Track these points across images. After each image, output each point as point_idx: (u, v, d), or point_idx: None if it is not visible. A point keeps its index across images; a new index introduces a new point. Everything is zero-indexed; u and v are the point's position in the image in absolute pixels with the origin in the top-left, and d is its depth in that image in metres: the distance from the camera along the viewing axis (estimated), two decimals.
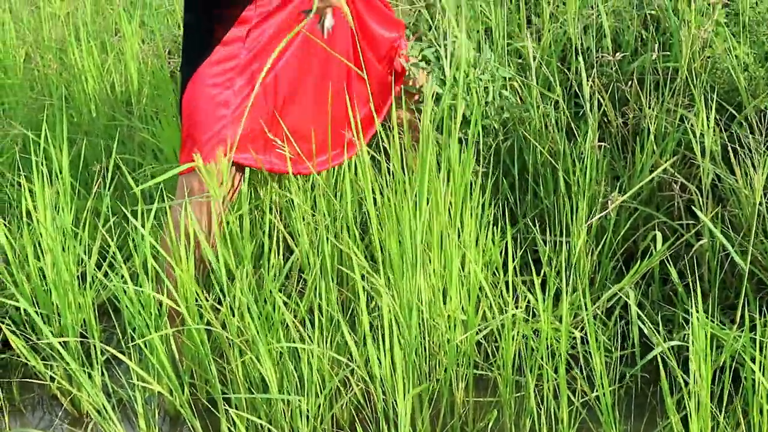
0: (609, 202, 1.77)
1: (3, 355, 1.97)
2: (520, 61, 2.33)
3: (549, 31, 2.28)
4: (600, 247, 1.84)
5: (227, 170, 1.74)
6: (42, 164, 1.88)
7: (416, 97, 2.04)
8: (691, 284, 1.68)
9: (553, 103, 2.04)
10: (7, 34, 3.25)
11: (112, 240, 1.77)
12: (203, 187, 1.71)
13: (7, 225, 2.03)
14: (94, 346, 1.71)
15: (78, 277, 1.82)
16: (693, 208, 1.76)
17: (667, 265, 1.73)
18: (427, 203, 1.65)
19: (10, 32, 3.29)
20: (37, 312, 1.76)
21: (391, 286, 1.62)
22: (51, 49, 3.23)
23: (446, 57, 1.94)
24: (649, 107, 1.94)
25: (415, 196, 1.63)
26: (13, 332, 1.77)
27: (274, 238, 1.84)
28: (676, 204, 1.86)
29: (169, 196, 1.88)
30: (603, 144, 1.92)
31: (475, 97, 1.99)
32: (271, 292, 1.62)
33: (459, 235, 1.73)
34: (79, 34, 3.15)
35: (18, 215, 2.12)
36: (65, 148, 1.97)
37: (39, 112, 2.83)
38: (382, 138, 1.90)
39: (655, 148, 1.90)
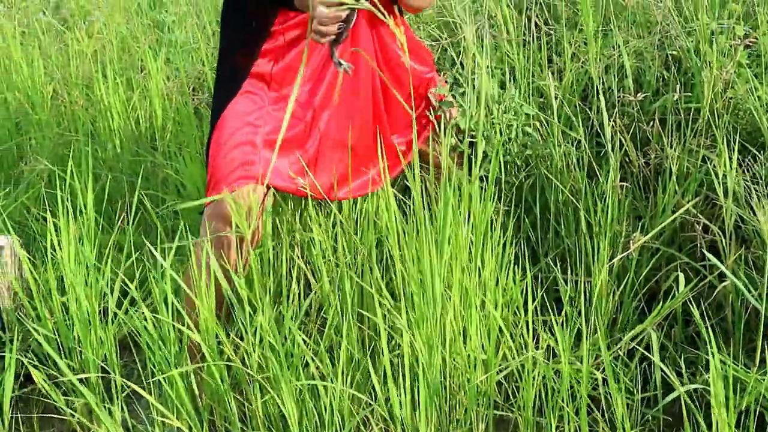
0: (631, 242, 1.76)
1: (24, 389, 1.98)
2: (541, 100, 2.34)
3: (570, 70, 2.29)
4: (622, 287, 1.83)
5: (256, 205, 1.75)
6: (67, 199, 1.91)
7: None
8: (713, 326, 1.66)
9: (574, 142, 2.05)
10: (35, 71, 3.31)
11: (135, 275, 1.78)
12: (226, 227, 1.72)
13: (32, 259, 2.05)
14: (115, 381, 1.72)
15: (100, 311, 1.83)
16: (715, 248, 1.75)
17: (690, 306, 1.71)
18: (448, 242, 1.65)
19: (39, 69, 3.35)
20: (58, 346, 1.77)
21: (411, 325, 1.62)
22: (78, 85, 3.29)
23: (470, 93, 1.96)
24: (671, 147, 1.94)
25: (437, 234, 1.63)
26: (35, 366, 1.78)
27: (295, 275, 1.85)
28: (698, 245, 1.85)
29: (192, 237, 1.89)
30: (624, 184, 1.92)
31: (498, 133, 2.00)
32: (290, 329, 1.62)
33: (479, 274, 1.73)
34: (105, 71, 3.20)
35: (42, 249, 2.15)
36: (90, 184, 2.00)
37: (65, 147, 2.88)
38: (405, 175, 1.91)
39: (677, 188, 1.89)
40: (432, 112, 2.02)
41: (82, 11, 4.18)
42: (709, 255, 1.60)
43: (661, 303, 1.76)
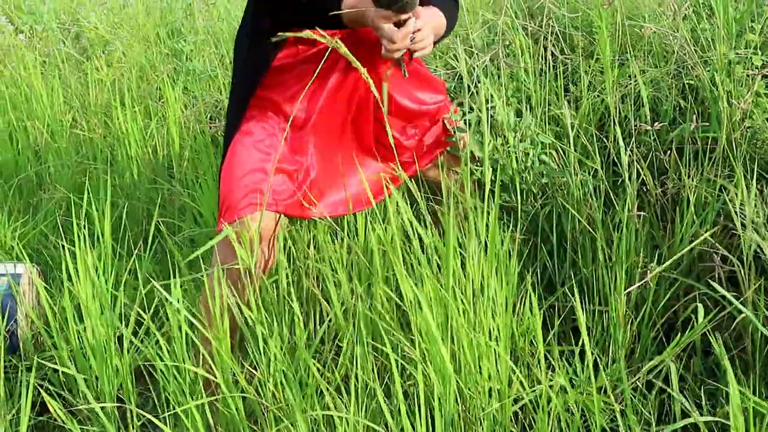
0: (648, 272, 1.74)
1: (40, 418, 1.98)
2: (558, 128, 2.34)
3: (587, 99, 2.29)
4: (639, 317, 1.81)
5: (266, 232, 1.76)
6: (84, 227, 1.92)
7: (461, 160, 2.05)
8: (733, 357, 1.64)
9: (591, 171, 2.04)
10: (55, 99, 3.35)
11: (149, 304, 1.78)
12: (236, 256, 1.72)
13: (49, 288, 2.06)
14: (131, 410, 1.72)
15: (116, 340, 1.83)
16: (734, 279, 1.73)
17: (709, 336, 1.69)
18: (463, 270, 1.65)
19: (59, 98, 3.39)
20: (75, 375, 1.77)
21: (425, 355, 1.61)
22: (96, 113, 3.32)
23: (486, 121, 1.96)
24: (689, 177, 1.93)
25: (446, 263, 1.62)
26: (51, 395, 1.78)
27: (309, 303, 1.84)
28: (717, 275, 1.83)
29: (206, 267, 1.89)
30: (642, 213, 1.90)
31: (514, 161, 2.00)
32: (304, 358, 1.61)
33: (494, 303, 1.72)
34: (124, 99, 3.24)
35: (59, 277, 2.16)
36: (108, 212, 2.01)
37: (83, 175, 2.90)
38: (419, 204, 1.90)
39: (695, 218, 1.88)
40: (446, 138, 2.02)
41: (102, 41, 4.23)
42: (723, 290, 1.59)
43: (679, 334, 1.74)
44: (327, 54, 1.81)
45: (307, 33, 1.65)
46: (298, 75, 1.86)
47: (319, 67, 1.81)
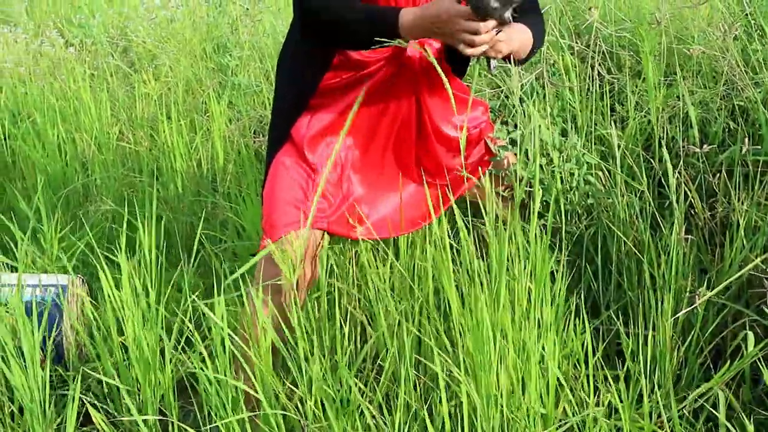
0: (696, 297, 1.71)
1: (84, 429, 2.00)
2: (603, 148, 2.32)
3: (634, 119, 2.26)
4: (687, 343, 1.78)
5: (310, 250, 1.76)
6: (128, 239, 1.93)
7: (504, 183, 2.04)
8: None
9: (637, 193, 2.01)
10: (103, 112, 3.40)
11: (192, 318, 1.79)
12: (279, 273, 1.72)
13: (93, 302, 2.08)
14: (172, 423, 1.72)
15: (159, 352, 1.84)
16: None
17: (759, 365, 1.66)
18: (507, 291, 1.63)
19: (106, 110, 3.44)
20: (117, 387, 1.78)
21: (469, 376, 1.60)
22: (143, 126, 3.37)
23: (530, 141, 1.94)
24: (739, 200, 1.90)
25: (494, 285, 1.61)
26: (94, 406, 1.79)
27: (351, 321, 1.84)
28: (767, 301, 1.79)
29: (248, 282, 1.90)
30: (690, 237, 1.87)
31: (559, 182, 1.98)
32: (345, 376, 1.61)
33: (539, 325, 1.70)
34: (170, 113, 3.28)
35: (104, 289, 2.18)
36: (153, 226, 2.03)
37: (129, 187, 2.94)
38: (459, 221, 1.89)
39: (744, 242, 1.84)
40: (490, 158, 2.01)
41: (149, 55, 4.30)
42: None
43: (728, 361, 1.71)
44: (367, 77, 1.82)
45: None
46: (341, 98, 1.86)
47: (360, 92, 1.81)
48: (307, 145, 1.83)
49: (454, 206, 1.80)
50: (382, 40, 1.63)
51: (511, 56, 1.75)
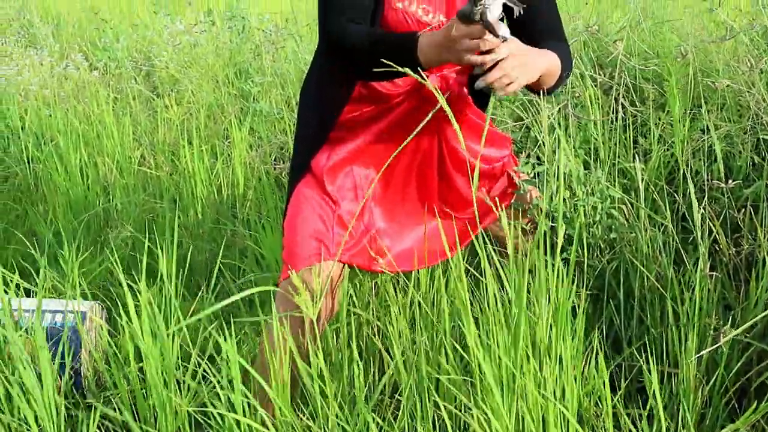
0: (721, 335, 1.68)
1: None
2: (626, 181, 2.30)
3: (657, 152, 2.24)
4: (711, 382, 1.74)
5: (328, 283, 1.75)
6: (148, 266, 1.93)
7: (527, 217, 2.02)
8: None
9: (661, 227, 1.99)
10: (125, 136, 3.42)
11: (212, 345, 1.78)
12: (298, 306, 1.71)
13: (111, 331, 2.08)
14: None
15: (175, 383, 1.83)
16: None
17: None
18: (528, 326, 1.61)
19: (129, 135, 3.46)
20: (134, 415, 1.77)
21: (488, 412, 1.57)
22: (164, 151, 3.39)
23: (554, 174, 1.93)
24: (764, 237, 1.87)
25: (514, 320, 1.58)
26: None
27: (369, 353, 1.82)
28: None
29: (266, 313, 1.89)
30: (714, 273, 1.84)
31: (582, 215, 1.96)
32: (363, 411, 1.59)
33: (560, 361, 1.67)
34: (191, 138, 3.30)
35: (122, 315, 2.18)
36: (173, 253, 2.03)
37: (149, 212, 2.95)
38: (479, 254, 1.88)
39: None
40: (513, 191, 1.99)
41: (172, 80, 4.33)
42: None
43: (753, 400, 1.67)
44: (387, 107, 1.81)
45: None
46: (362, 131, 1.85)
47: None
48: (327, 175, 1.82)
49: (475, 239, 1.79)
50: (403, 70, 1.61)
51: (539, 87, 1.71)
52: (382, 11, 1.75)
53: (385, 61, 1.61)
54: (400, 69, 1.59)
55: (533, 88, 1.73)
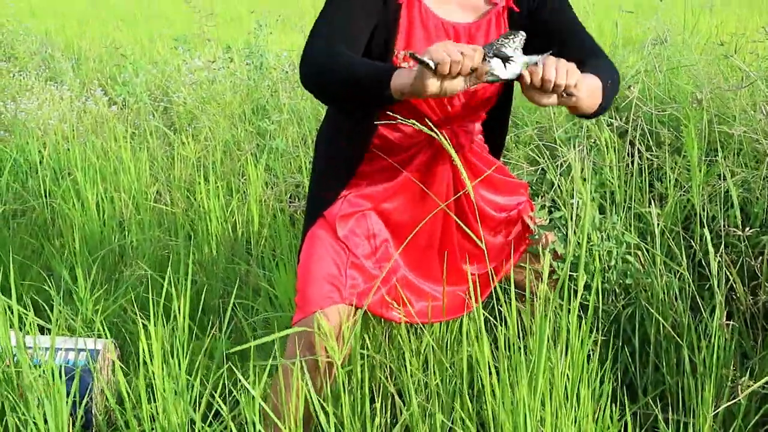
0: (739, 387, 1.66)
1: None
2: (641, 225, 2.29)
3: (673, 197, 2.24)
4: None
5: (343, 328, 1.74)
6: (161, 304, 1.93)
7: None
8: None
9: (676, 274, 1.98)
10: (142, 172, 3.44)
11: (225, 384, 1.77)
12: (312, 350, 1.70)
13: (124, 369, 2.07)
14: None
15: (188, 423, 1.82)
16: None
17: None
18: (543, 376, 1.59)
19: (145, 171, 3.48)
20: None
21: None
22: (180, 188, 3.40)
23: (570, 219, 1.92)
24: None
25: (531, 368, 1.57)
26: None
27: (381, 395, 1.81)
28: None
29: (279, 353, 1.88)
30: (731, 323, 1.83)
31: (597, 261, 1.95)
32: None
33: (575, 409, 1.66)
34: (207, 175, 3.31)
35: (136, 353, 2.18)
36: (188, 293, 2.03)
37: (164, 249, 2.95)
38: (498, 300, 1.87)
39: None
40: (529, 236, 1.99)
41: (189, 116, 4.36)
42: None
43: None
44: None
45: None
46: (377, 180, 1.86)
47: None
48: (339, 221, 1.82)
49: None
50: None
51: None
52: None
53: (355, 83, 1.57)
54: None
55: (581, 112, 1.61)
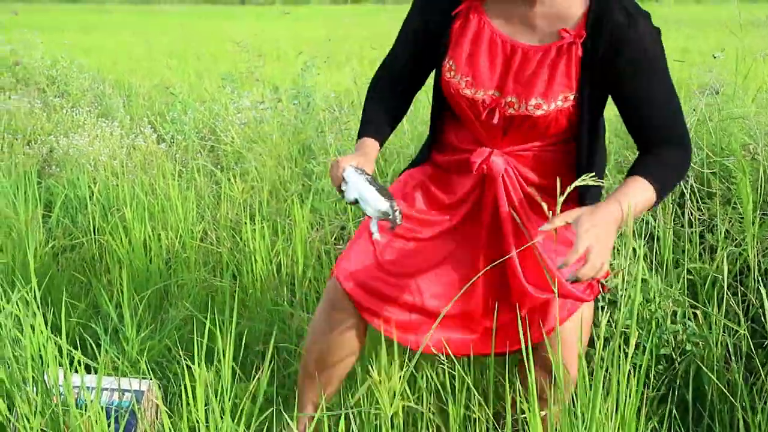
0: None
1: None
2: (690, 277, 2.25)
3: (723, 249, 2.19)
4: None
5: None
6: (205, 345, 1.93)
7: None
8: None
9: (732, 333, 1.93)
10: (189, 211, 3.47)
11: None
12: (333, 309, 1.91)
13: (168, 411, 2.07)
14: None
15: None
16: None
17: None
18: None
19: (193, 210, 3.51)
20: None
21: None
22: (226, 228, 3.42)
23: (623, 288, 1.89)
24: None
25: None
26: None
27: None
28: None
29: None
30: None
31: (654, 325, 1.91)
32: None
33: None
34: (253, 215, 3.33)
35: (179, 394, 2.18)
36: (231, 336, 2.02)
37: (209, 289, 2.97)
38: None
39: None
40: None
41: (236, 154, 4.41)
42: None
43: None
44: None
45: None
46: (431, 225, 1.88)
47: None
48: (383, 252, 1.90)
49: None
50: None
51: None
52: (440, 79, 1.81)
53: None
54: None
55: None
